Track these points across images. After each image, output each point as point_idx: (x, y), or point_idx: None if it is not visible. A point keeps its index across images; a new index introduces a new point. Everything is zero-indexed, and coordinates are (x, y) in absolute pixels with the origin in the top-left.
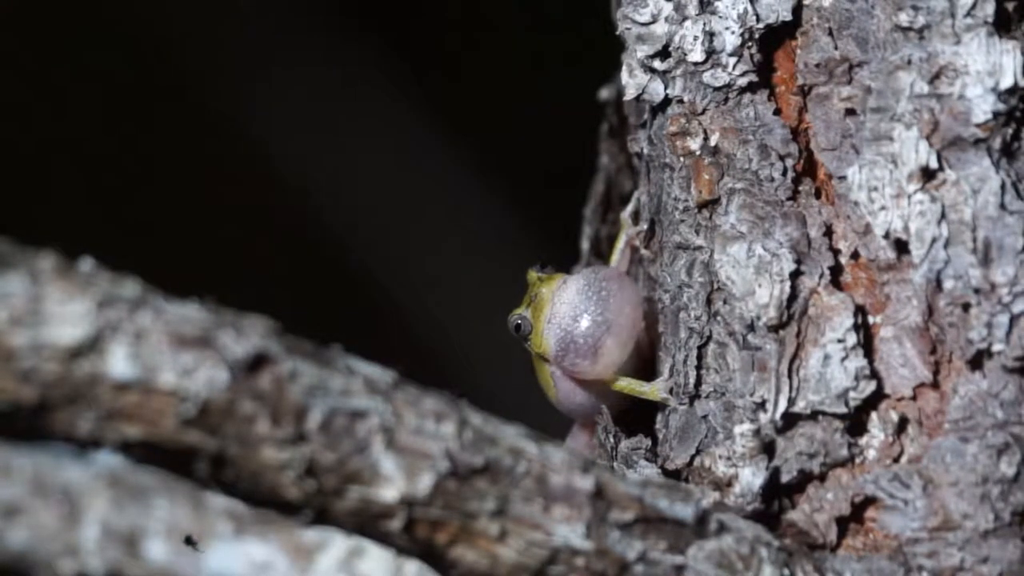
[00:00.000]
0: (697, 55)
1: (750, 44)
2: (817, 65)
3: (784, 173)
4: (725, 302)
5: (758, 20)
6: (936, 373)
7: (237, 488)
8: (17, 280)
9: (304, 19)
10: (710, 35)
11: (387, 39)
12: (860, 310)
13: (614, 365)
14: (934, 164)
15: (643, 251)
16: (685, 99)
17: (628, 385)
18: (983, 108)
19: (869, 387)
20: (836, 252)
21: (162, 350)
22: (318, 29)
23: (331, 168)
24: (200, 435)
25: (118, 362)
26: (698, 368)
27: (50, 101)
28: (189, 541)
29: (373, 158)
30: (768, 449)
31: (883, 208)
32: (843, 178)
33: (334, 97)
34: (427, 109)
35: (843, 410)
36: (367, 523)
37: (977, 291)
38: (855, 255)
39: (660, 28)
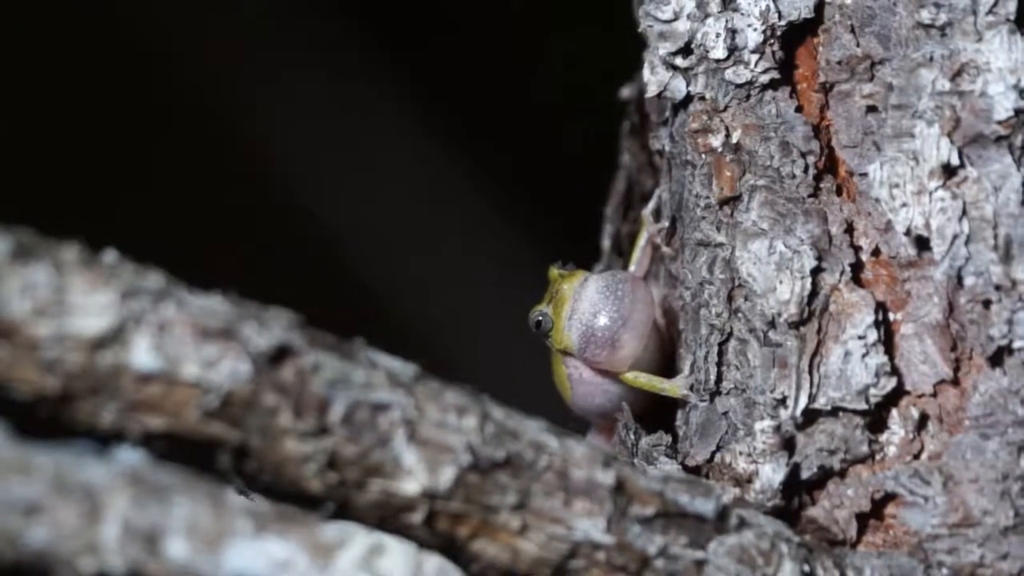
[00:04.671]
0: (719, 52)
1: (772, 41)
2: (839, 62)
3: (805, 170)
4: (746, 299)
5: (780, 17)
6: (956, 370)
7: (259, 481)
8: (42, 271)
9: (309, 23)
10: (732, 32)
11: (392, 42)
12: (881, 307)
13: (631, 356)
14: (955, 161)
15: (664, 248)
16: (707, 96)
17: (648, 382)
18: (1004, 105)
19: (889, 384)
20: (857, 249)
21: (185, 342)
22: (322, 33)
23: (335, 169)
24: (222, 427)
25: (141, 353)
26: (719, 365)
27: (54, 101)
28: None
29: (382, 159)
30: (788, 445)
31: (904, 205)
32: (864, 175)
33: (338, 100)
34: (440, 110)
35: (863, 407)
36: (388, 516)
37: (998, 288)
38: (876, 252)
39: (682, 25)
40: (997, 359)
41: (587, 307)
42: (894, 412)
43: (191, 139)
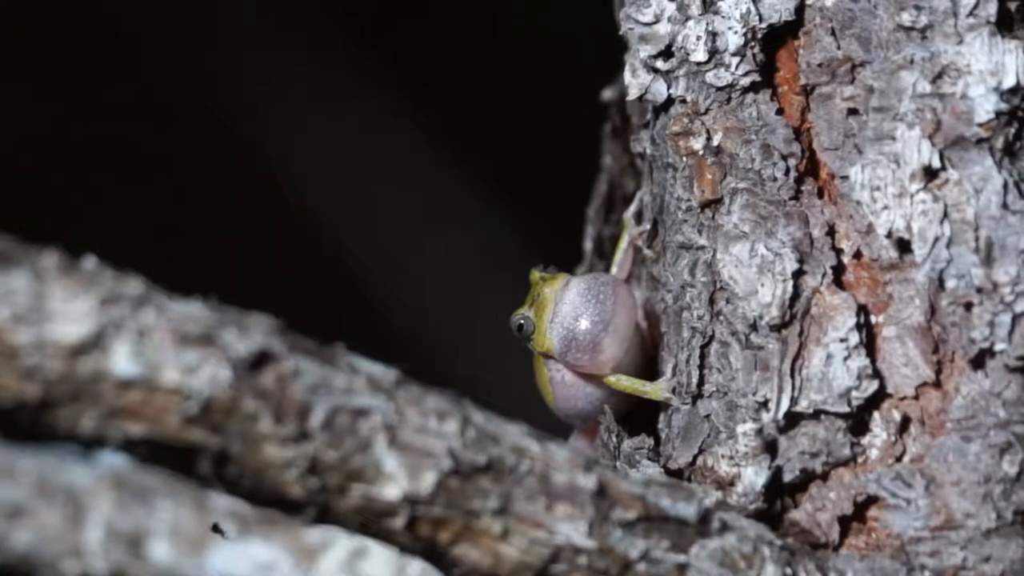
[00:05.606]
0: (700, 55)
1: (753, 44)
2: (820, 65)
3: (787, 173)
4: (728, 302)
5: (761, 20)
6: (938, 372)
7: (240, 486)
8: (21, 278)
9: (306, 23)
10: (713, 35)
11: (390, 44)
12: (862, 309)
13: (613, 360)
14: (936, 163)
15: (646, 251)
16: (688, 99)
17: (631, 385)
18: (985, 108)
19: (871, 386)
20: (838, 252)
21: (165, 348)
22: (320, 33)
23: (333, 171)
24: (203, 433)
25: (121, 360)
26: (701, 368)
27: (51, 103)
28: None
29: (375, 159)
30: (770, 448)
31: (885, 208)
32: (845, 178)
33: (333, 99)
34: (429, 112)
35: (845, 409)
36: (370, 521)
37: (979, 290)
38: (857, 255)
39: (663, 28)
40: (979, 361)
41: (568, 310)
42: (876, 415)
43: (187, 139)
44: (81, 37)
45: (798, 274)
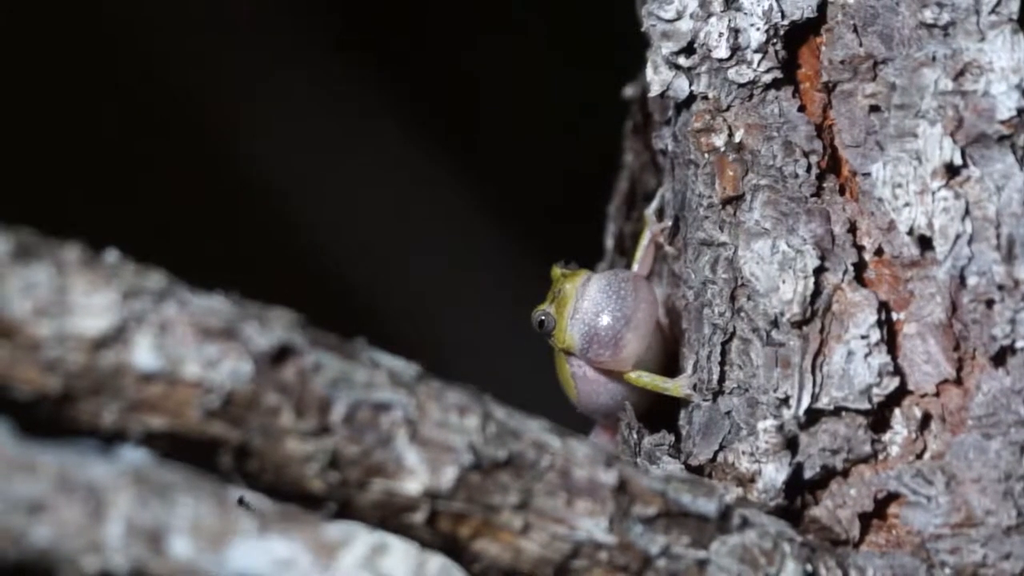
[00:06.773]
0: (722, 51)
1: (775, 41)
2: (842, 62)
3: (808, 170)
4: (749, 298)
5: (783, 17)
6: (959, 370)
7: (260, 481)
8: (43, 271)
9: (294, 26)
10: (735, 31)
11: (378, 41)
12: (884, 306)
13: (635, 356)
14: (958, 161)
15: (667, 248)
16: (710, 95)
17: (651, 381)
18: (1007, 105)
19: (892, 383)
20: (860, 248)
21: (187, 341)
22: (308, 36)
23: (330, 178)
24: (224, 427)
25: (143, 353)
26: (722, 364)
27: (48, 107)
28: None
29: (369, 161)
30: (791, 445)
31: (907, 205)
32: (867, 175)
33: (322, 101)
34: (423, 111)
35: (866, 406)
36: (390, 516)
37: (1001, 288)
38: (879, 251)
39: (685, 25)
40: (1000, 359)
41: (590, 306)
42: (897, 412)
43: (175, 141)
44: (78, 39)
45: (819, 271)
